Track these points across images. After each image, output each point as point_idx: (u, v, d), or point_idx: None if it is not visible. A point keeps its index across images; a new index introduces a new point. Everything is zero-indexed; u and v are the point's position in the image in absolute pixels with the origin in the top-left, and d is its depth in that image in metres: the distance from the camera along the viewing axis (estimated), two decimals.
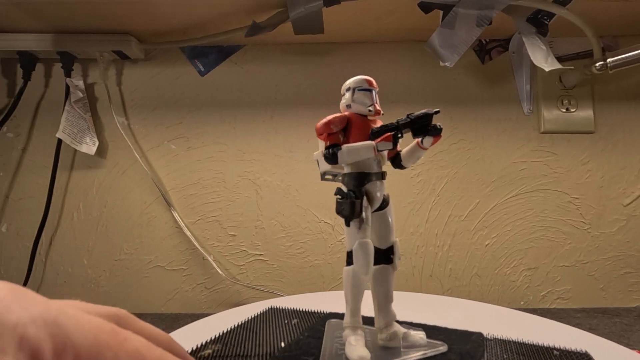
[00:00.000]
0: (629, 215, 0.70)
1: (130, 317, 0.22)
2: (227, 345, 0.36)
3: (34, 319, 0.15)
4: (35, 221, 0.69)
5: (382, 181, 0.33)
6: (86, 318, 0.17)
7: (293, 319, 0.43)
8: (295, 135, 0.72)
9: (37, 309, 0.16)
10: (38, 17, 0.63)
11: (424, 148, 0.32)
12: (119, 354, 0.17)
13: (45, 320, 0.15)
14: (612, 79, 0.70)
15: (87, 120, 0.71)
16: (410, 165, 0.35)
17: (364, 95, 0.33)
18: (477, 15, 0.60)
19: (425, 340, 0.33)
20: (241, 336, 0.38)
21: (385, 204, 0.34)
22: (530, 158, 0.71)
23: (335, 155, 0.31)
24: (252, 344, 0.36)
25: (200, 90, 0.73)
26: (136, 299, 0.70)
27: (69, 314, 0.16)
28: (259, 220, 0.71)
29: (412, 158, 0.34)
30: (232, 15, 0.64)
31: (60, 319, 0.16)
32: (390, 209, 0.34)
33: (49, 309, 0.16)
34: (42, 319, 0.15)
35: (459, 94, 0.72)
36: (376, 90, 0.34)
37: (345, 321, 0.33)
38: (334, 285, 0.70)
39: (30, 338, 0.15)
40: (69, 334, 0.16)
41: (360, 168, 0.33)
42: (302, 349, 0.35)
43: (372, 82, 0.34)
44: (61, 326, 0.16)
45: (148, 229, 0.71)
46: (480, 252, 0.70)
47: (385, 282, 0.33)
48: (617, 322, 0.60)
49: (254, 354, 0.34)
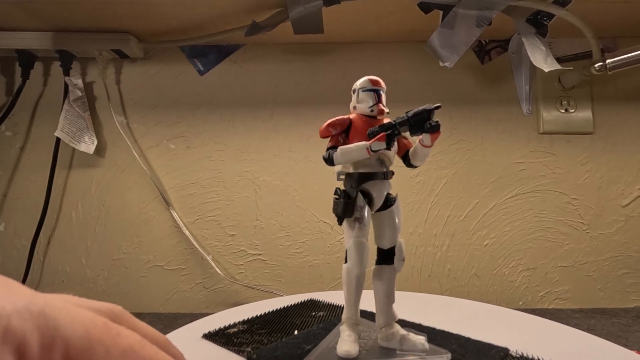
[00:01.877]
0: (628, 216, 0.70)
1: (126, 314, 0.21)
2: (251, 327, 0.42)
3: (19, 310, 0.14)
4: (33, 220, 0.69)
5: (385, 181, 0.33)
6: (76, 311, 0.16)
7: (320, 312, 0.46)
8: (295, 135, 0.72)
9: (23, 301, 0.15)
10: (37, 16, 0.63)
11: (425, 146, 0.32)
12: (111, 349, 0.16)
13: (31, 312, 0.15)
14: (611, 80, 0.71)
15: (85, 119, 0.71)
16: (420, 164, 0.34)
17: (368, 96, 0.33)
18: (477, 15, 0.60)
19: (425, 346, 0.32)
20: (267, 321, 0.43)
21: (389, 203, 0.33)
22: (530, 158, 0.71)
23: (332, 157, 0.32)
24: (272, 329, 0.41)
25: (200, 89, 0.73)
26: (134, 299, 0.70)
27: (57, 306, 0.16)
28: (258, 220, 0.71)
29: (418, 156, 0.33)
30: (232, 14, 0.63)
31: (48, 311, 0.15)
32: (394, 209, 0.33)
33: (35, 300, 0.15)
34: (27, 310, 0.15)
35: (459, 95, 0.72)
36: (382, 89, 0.34)
37: (342, 317, 0.34)
38: (333, 285, 0.70)
39: (15, 330, 0.14)
40: (58, 326, 0.15)
41: (360, 168, 0.33)
42: (308, 338, 0.37)
43: (376, 82, 0.34)
44: (49, 318, 0.15)
45: (147, 228, 0.71)
46: (479, 253, 0.70)
47: (385, 282, 0.33)
48: (615, 323, 0.60)
49: (268, 338, 0.38)
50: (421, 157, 0.33)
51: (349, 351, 0.31)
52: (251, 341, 0.38)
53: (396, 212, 0.33)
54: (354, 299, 0.33)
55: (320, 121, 0.33)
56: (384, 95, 0.34)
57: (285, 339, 0.37)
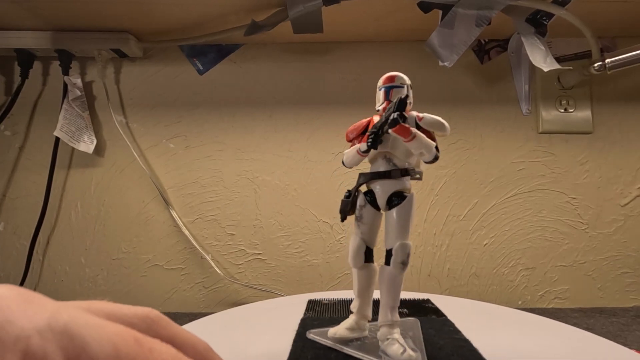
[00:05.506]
0: (627, 215, 0.70)
1: (164, 320, 0.19)
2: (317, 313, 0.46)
3: (40, 329, 0.13)
4: (33, 220, 0.69)
5: (389, 180, 0.32)
6: (104, 325, 0.15)
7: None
8: (294, 135, 0.72)
9: (44, 317, 0.14)
10: (36, 15, 0.63)
11: (404, 141, 0.31)
12: None
13: (53, 330, 0.14)
14: (610, 80, 0.71)
15: (85, 119, 0.71)
16: (424, 158, 0.32)
17: (380, 94, 0.34)
18: (476, 15, 0.60)
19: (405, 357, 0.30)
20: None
21: (394, 203, 0.32)
22: (529, 158, 0.71)
23: (343, 161, 0.35)
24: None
25: (199, 89, 0.73)
26: (134, 298, 0.70)
27: (83, 321, 0.15)
28: (258, 220, 0.71)
29: (412, 151, 0.32)
30: (231, 14, 0.63)
31: (72, 328, 0.14)
32: (397, 210, 0.32)
33: (58, 316, 0.14)
34: (49, 328, 0.14)
35: (458, 94, 0.72)
36: (394, 85, 0.33)
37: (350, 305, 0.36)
38: (332, 285, 0.70)
39: (36, 352, 0.13)
40: (85, 344, 0.14)
41: (371, 168, 0.34)
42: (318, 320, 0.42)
43: (387, 79, 0.34)
44: (74, 336, 0.14)
45: (146, 228, 0.71)
46: (478, 252, 0.70)
47: (384, 282, 0.33)
48: (614, 322, 0.60)
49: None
50: (415, 150, 0.31)
51: (334, 333, 0.35)
52: None
53: (399, 213, 0.32)
54: (357, 291, 0.35)
55: (320, 121, 0.34)
56: (405, 89, 0.33)
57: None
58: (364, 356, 0.32)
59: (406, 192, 0.33)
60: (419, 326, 0.39)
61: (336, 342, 0.34)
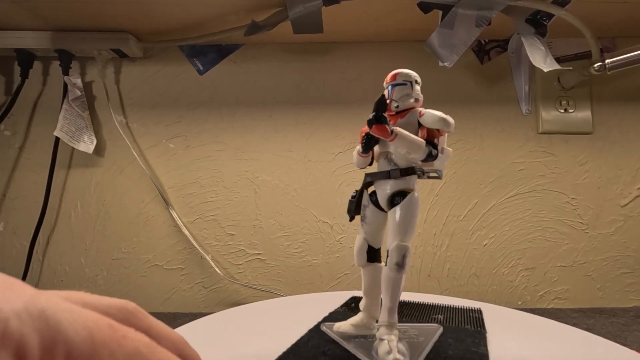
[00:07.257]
0: (626, 215, 0.70)
1: (140, 312, 0.20)
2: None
3: (18, 312, 0.14)
4: (33, 220, 0.69)
5: (389, 180, 0.32)
6: (80, 312, 0.15)
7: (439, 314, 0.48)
8: (294, 135, 0.72)
9: (22, 301, 0.14)
10: (36, 15, 0.63)
11: (388, 141, 0.31)
12: (115, 352, 0.15)
13: (30, 314, 0.14)
14: (610, 80, 0.71)
15: (85, 119, 0.71)
16: (412, 158, 0.32)
17: (386, 93, 0.33)
18: (476, 15, 0.60)
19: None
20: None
21: (395, 202, 0.32)
22: (529, 158, 0.71)
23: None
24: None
25: (199, 89, 0.73)
26: (134, 298, 0.70)
27: (59, 307, 0.15)
28: (258, 220, 0.71)
29: (399, 150, 0.32)
30: (231, 14, 0.63)
31: (49, 312, 0.14)
32: (395, 211, 0.31)
33: (36, 301, 0.14)
34: (27, 312, 0.14)
35: (458, 94, 0.72)
36: (396, 82, 0.33)
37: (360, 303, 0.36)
38: (332, 285, 0.70)
39: (13, 333, 0.13)
40: (60, 328, 0.14)
41: (376, 168, 0.35)
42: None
43: (391, 77, 0.33)
44: (50, 320, 0.14)
45: (146, 228, 0.71)
46: (478, 252, 0.70)
47: (383, 282, 0.33)
48: (614, 322, 0.60)
49: None
50: (400, 150, 0.31)
51: (339, 327, 0.36)
52: None
53: (397, 212, 0.31)
54: (364, 290, 0.35)
55: (320, 121, 0.34)
56: (412, 84, 0.33)
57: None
58: (357, 353, 0.33)
59: (408, 191, 0.32)
60: (436, 333, 0.38)
61: (339, 336, 0.35)
